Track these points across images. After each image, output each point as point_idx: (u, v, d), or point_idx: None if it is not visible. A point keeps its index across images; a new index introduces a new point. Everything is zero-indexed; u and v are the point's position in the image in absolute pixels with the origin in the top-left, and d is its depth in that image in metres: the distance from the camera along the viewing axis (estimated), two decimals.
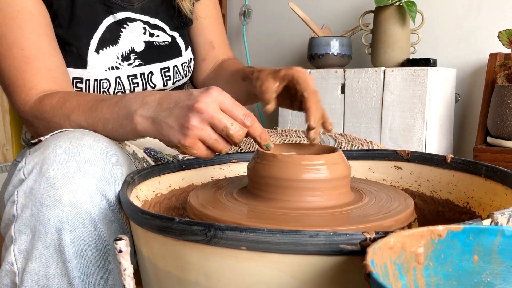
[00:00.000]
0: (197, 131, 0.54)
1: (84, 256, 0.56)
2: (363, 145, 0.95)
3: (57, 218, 0.54)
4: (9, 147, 2.63)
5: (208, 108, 0.53)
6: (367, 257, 0.34)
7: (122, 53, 0.83)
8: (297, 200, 0.54)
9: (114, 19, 0.83)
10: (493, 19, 1.61)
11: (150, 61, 0.86)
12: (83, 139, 0.58)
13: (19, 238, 0.56)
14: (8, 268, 0.57)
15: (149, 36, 0.87)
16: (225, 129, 0.54)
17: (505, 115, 1.35)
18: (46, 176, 0.55)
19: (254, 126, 0.56)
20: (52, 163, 0.56)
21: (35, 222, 0.55)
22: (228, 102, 0.55)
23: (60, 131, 0.63)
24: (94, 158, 0.57)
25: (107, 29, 0.82)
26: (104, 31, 0.82)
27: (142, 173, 0.63)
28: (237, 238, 0.40)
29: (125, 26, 0.84)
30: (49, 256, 0.55)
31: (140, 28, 0.86)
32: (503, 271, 0.39)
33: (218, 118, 0.54)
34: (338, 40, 1.67)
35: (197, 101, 0.54)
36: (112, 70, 0.82)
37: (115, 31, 0.83)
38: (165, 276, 0.47)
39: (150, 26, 0.87)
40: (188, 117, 0.54)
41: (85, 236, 0.55)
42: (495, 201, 0.59)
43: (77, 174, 0.56)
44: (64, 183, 0.55)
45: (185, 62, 0.92)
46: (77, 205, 0.55)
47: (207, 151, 0.57)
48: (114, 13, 0.82)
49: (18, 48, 0.71)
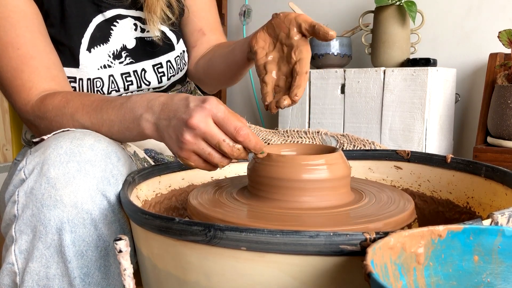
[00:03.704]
0: (191, 145, 0.55)
1: (85, 256, 0.56)
2: (365, 145, 0.95)
3: (58, 219, 0.54)
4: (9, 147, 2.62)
5: (200, 124, 0.53)
6: (367, 257, 0.34)
7: (114, 51, 0.83)
8: (297, 200, 0.54)
9: (103, 17, 0.82)
10: (493, 19, 1.61)
11: (141, 58, 0.86)
12: (84, 139, 0.58)
13: (19, 238, 0.56)
14: (9, 268, 0.57)
15: (141, 32, 0.86)
16: (218, 144, 0.54)
17: (505, 115, 1.35)
18: (47, 176, 0.55)
19: (247, 140, 0.55)
20: (53, 163, 0.56)
21: (36, 222, 0.55)
22: (220, 115, 0.54)
23: (62, 130, 0.63)
24: (95, 159, 0.57)
25: (97, 28, 0.81)
26: (94, 30, 0.81)
27: (143, 173, 0.63)
28: (237, 239, 0.40)
29: (115, 24, 0.83)
30: (50, 256, 0.55)
31: (130, 25, 0.85)
32: (503, 271, 0.39)
33: (211, 134, 0.54)
34: (338, 40, 1.67)
35: (191, 116, 0.54)
36: (104, 69, 0.81)
37: (105, 29, 0.82)
38: (165, 276, 0.47)
39: (141, 22, 0.86)
40: (182, 131, 0.55)
41: (85, 236, 0.55)
42: (495, 201, 0.59)
43: (77, 174, 0.56)
44: (65, 183, 0.55)
45: (178, 56, 0.91)
46: (78, 205, 0.55)
47: (205, 164, 0.57)
48: (103, 11, 0.82)
49: (13, 47, 0.71)
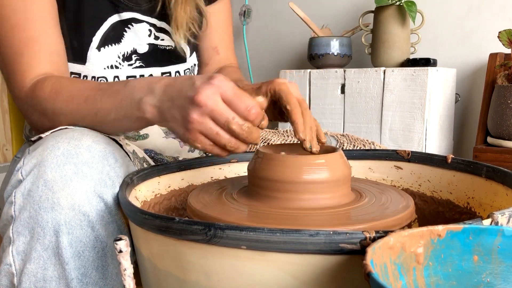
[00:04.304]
0: (198, 125, 0.52)
1: (82, 257, 0.56)
2: (365, 145, 0.95)
3: (55, 221, 0.54)
4: (9, 147, 2.62)
5: (208, 101, 0.51)
6: (367, 257, 0.34)
7: (124, 53, 0.83)
8: (297, 200, 0.54)
9: (119, 18, 0.82)
10: (493, 19, 1.61)
11: (151, 64, 0.85)
12: (82, 140, 0.58)
13: (17, 240, 0.57)
14: (7, 269, 0.57)
15: (154, 39, 0.86)
16: (226, 123, 0.52)
17: (505, 115, 1.35)
18: (44, 179, 0.55)
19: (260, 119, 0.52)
20: (50, 165, 0.56)
21: (33, 224, 0.55)
22: (229, 92, 0.51)
23: (60, 128, 0.63)
24: (92, 160, 0.57)
25: (111, 27, 0.81)
26: (108, 29, 0.81)
27: (141, 174, 0.63)
28: (237, 237, 0.40)
29: (129, 26, 0.83)
30: (47, 258, 0.55)
31: (145, 30, 0.85)
32: (503, 271, 0.39)
33: (219, 111, 0.51)
34: (338, 40, 1.67)
35: (197, 92, 0.51)
36: (111, 69, 0.81)
37: (119, 30, 0.82)
38: (165, 276, 0.47)
39: (156, 29, 0.86)
40: (188, 110, 0.52)
41: (82, 237, 0.55)
42: (496, 202, 0.59)
43: (75, 177, 0.56)
44: (62, 185, 0.55)
45: (188, 69, 0.90)
46: (75, 207, 0.55)
47: (213, 146, 0.54)
48: (120, 12, 0.82)
49: (19, 30, 0.69)
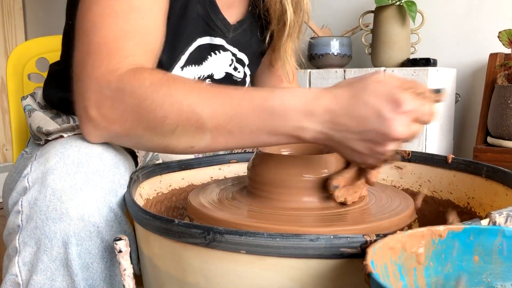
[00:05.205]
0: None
1: (90, 268, 0.54)
2: None
3: (64, 232, 0.52)
4: (9, 147, 2.63)
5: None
6: (367, 258, 0.34)
7: (201, 76, 0.80)
8: (297, 200, 0.54)
9: (210, 41, 0.79)
10: (493, 19, 1.61)
11: None
12: (92, 148, 0.57)
13: (23, 250, 0.55)
14: (12, 279, 0.56)
15: (233, 69, 0.85)
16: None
17: (505, 115, 1.35)
18: (52, 188, 0.53)
19: None
20: (59, 174, 0.54)
21: (40, 235, 0.53)
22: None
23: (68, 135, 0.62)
24: (103, 168, 0.56)
25: (198, 48, 0.78)
26: (196, 49, 0.78)
27: (145, 171, 0.63)
28: (237, 242, 0.39)
29: (216, 52, 0.81)
30: (55, 269, 0.54)
31: (228, 59, 0.83)
32: (504, 271, 0.39)
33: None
34: (338, 40, 1.67)
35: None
36: None
37: (204, 52, 0.79)
38: (165, 277, 0.47)
39: (236, 60, 0.85)
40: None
41: (91, 248, 0.54)
42: (496, 202, 0.59)
43: (85, 186, 0.54)
44: (71, 195, 0.53)
45: None
46: (85, 218, 0.53)
47: None
48: (213, 36, 0.79)
49: (137, 14, 0.60)
